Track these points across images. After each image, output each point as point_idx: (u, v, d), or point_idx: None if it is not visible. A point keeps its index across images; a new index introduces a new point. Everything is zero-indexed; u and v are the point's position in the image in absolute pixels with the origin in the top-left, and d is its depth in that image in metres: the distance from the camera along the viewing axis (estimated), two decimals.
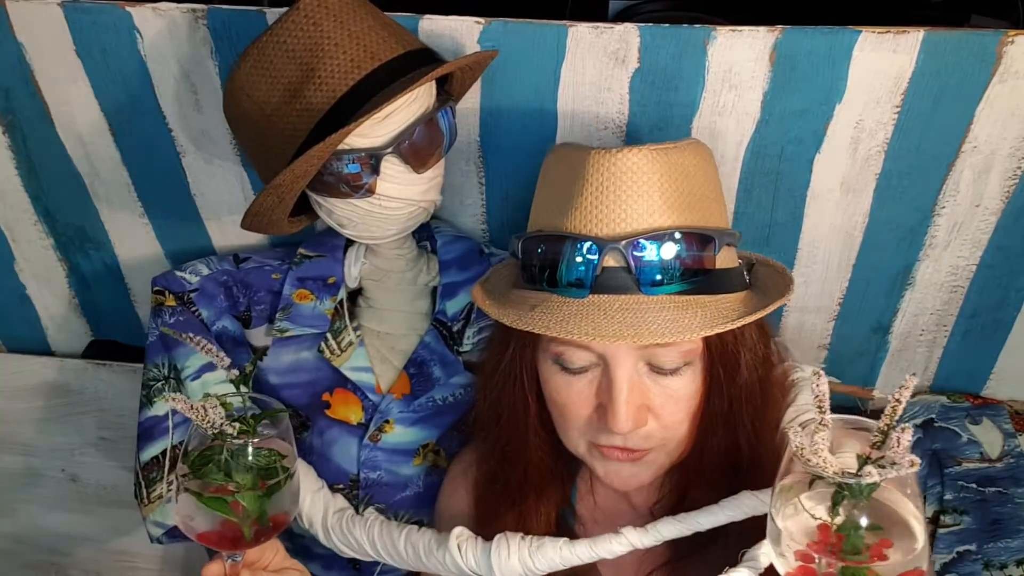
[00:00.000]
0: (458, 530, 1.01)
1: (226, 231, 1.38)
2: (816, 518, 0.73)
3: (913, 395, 1.42)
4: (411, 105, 1.04)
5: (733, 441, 0.95)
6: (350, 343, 1.20)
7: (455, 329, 1.22)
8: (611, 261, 0.87)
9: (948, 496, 1.35)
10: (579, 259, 0.88)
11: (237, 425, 0.86)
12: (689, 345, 0.90)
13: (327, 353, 1.19)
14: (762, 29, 1.09)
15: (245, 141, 1.10)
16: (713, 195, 0.95)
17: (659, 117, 1.16)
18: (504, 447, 1.03)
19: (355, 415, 1.19)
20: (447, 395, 1.20)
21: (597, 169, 0.89)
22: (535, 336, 0.94)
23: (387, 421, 1.18)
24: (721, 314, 0.88)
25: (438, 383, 1.20)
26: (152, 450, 1.19)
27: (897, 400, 0.73)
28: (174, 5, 1.15)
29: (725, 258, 0.93)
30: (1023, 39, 1.06)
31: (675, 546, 0.97)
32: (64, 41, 1.19)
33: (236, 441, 0.85)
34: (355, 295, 1.25)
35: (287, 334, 1.21)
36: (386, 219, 1.11)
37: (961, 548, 1.33)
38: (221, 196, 1.33)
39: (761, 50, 1.10)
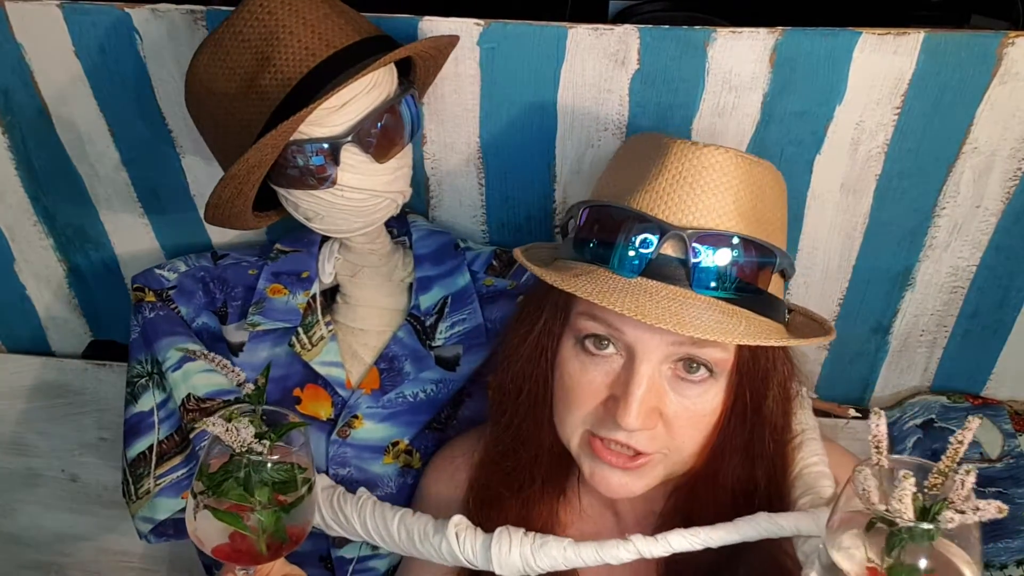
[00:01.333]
0: (457, 518, 0.99)
1: (226, 231, 1.37)
2: (872, 561, 0.71)
3: (912, 395, 1.42)
4: (369, 93, 1.03)
5: (750, 473, 0.94)
6: (321, 338, 1.20)
7: (428, 323, 1.22)
8: (669, 249, 0.86)
9: None
10: (638, 239, 0.86)
11: (267, 443, 0.85)
12: (720, 354, 0.88)
13: (297, 347, 1.19)
14: (762, 30, 1.09)
15: (205, 132, 1.10)
16: (779, 223, 0.94)
17: (659, 118, 1.16)
18: (520, 423, 1.01)
19: (324, 410, 1.19)
20: (417, 391, 1.19)
21: (679, 158, 0.87)
22: (566, 310, 0.93)
23: (355, 416, 1.18)
24: (764, 331, 0.86)
25: (408, 378, 1.20)
26: (139, 446, 1.19)
27: (959, 442, 0.71)
28: (173, 6, 1.15)
29: (776, 286, 0.92)
30: (1023, 40, 1.06)
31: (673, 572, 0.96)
32: (63, 42, 1.19)
33: (261, 458, 0.84)
34: (335, 292, 1.25)
35: (259, 328, 1.21)
36: (351, 211, 1.10)
37: None
38: None
39: (761, 51, 1.10)
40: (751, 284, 0.87)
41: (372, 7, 1.10)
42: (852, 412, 1.17)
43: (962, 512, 0.68)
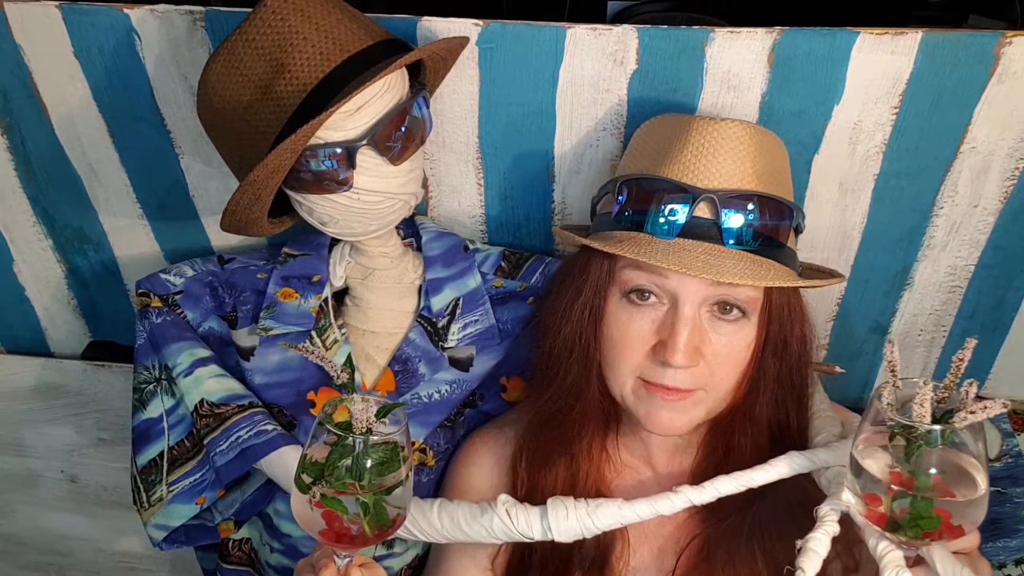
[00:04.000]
0: (504, 496, 1.05)
1: (225, 234, 1.37)
2: (894, 467, 0.81)
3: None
4: (383, 96, 1.04)
5: (782, 406, 1.04)
6: (335, 341, 1.20)
7: (440, 325, 1.22)
8: (701, 211, 0.96)
9: None
10: (673, 204, 0.97)
11: (387, 422, 0.87)
12: (752, 294, 0.98)
13: None
14: (760, 30, 1.09)
15: (219, 141, 1.10)
16: (788, 184, 1.05)
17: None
18: (573, 380, 1.07)
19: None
20: (432, 391, 1.20)
21: (700, 132, 0.98)
22: (612, 269, 1.01)
23: None
24: (789, 276, 0.98)
25: (423, 379, 1.20)
26: (149, 453, 1.19)
27: (960, 359, 0.82)
28: (172, 7, 1.15)
29: (792, 241, 1.03)
30: (1021, 40, 1.06)
31: (712, 514, 1.04)
32: (62, 43, 1.19)
33: (375, 438, 0.86)
34: (343, 295, 1.25)
35: (271, 332, 1.20)
36: (366, 214, 1.10)
37: None
38: (220, 196, 1.33)
39: (759, 51, 1.10)
40: (773, 238, 0.99)
41: (372, 7, 1.10)
42: (838, 369, 1.22)
43: (972, 412, 0.78)
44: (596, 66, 1.14)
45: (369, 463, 0.85)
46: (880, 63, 1.09)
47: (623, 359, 1.01)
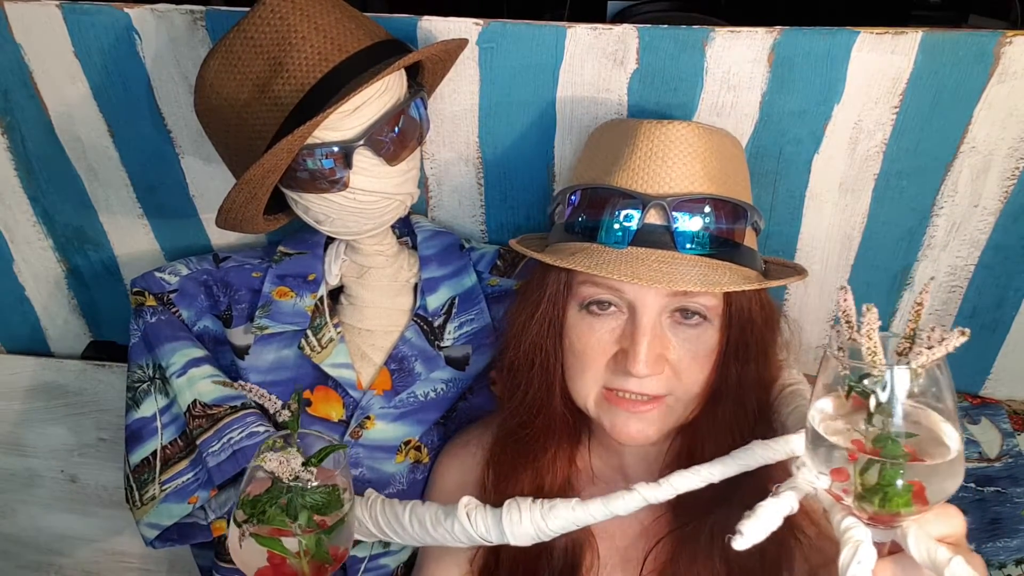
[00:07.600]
0: (466, 499, 1.02)
1: (225, 231, 1.37)
2: (856, 430, 0.73)
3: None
4: (381, 97, 1.04)
5: (745, 405, 1.00)
6: (330, 340, 1.20)
7: (436, 324, 1.22)
8: (652, 218, 0.95)
9: None
10: (624, 213, 0.95)
11: (313, 471, 0.87)
12: (711, 301, 0.96)
13: (307, 350, 1.19)
14: (760, 30, 1.09)
15: (216, 138, 1.10)
16: (744, 182, 1.03)
17: (658, 118, 1.16)
18: (535, 393, 1.05)
19: (336, 412, 1.19)
20: (428, 390, 1.20)
21: (647, 136, 0.97)
22: (569, 282, 1.00)
23: (368, 417, 1.18)
24: (745, 279, 0.96)
25: (419, 378, 1.20)
26: (142, 452, 1.19)
27: (919, 304, 0.75)
28: (172, 7, 1.16)
29: (750, 239, 1.01)
30: (1021, 40, 1.06)
31: (677, 517, 1.02)
32: (63, 42, 1.19)
33: (313, 484, 0.86)
34: (338, 293, 1.25)
35: (267, 331, 1.20)
36: (361, 213, 1.10)
37: None
38: (220, 196, 1.31)
39: (759, 51, 1.10)
40: (728, 239, 0.97)
41: (371, 6, 1.11)
42: None
43: (930, 348, 0.70)
44: (596, 66, 1.14)
45: (302, 506, 0.86)
46: (880, 63, 1.09)
47: (586, 369, 0.99)
